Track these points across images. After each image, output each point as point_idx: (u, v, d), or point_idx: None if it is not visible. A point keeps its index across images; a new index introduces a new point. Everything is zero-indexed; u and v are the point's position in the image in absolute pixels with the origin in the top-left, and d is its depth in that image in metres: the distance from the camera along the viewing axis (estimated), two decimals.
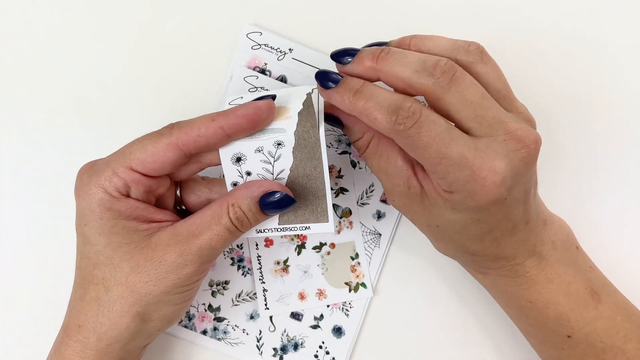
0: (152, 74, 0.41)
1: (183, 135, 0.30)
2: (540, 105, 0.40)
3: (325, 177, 0.31)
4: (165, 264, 0.30)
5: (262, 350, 0.40)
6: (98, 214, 0.30)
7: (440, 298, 0.40)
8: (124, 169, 0.30)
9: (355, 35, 0.41)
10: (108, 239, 0.30)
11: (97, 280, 0.31)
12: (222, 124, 0.29)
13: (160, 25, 0.41)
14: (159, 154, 0.30)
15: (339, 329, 0.40)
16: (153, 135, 0.30)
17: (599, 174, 0.41)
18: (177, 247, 0.30)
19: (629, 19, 0.41)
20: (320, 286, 0.40)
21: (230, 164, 0.31)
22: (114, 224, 0.30)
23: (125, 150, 0.30)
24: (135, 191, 0.31)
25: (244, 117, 0.29)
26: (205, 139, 0.30)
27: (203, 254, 0.31)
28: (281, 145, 0.31)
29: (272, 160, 0.31)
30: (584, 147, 0.41)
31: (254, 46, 0.40)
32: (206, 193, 0.34)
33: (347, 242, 0.40)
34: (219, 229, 0.30)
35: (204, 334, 0.40)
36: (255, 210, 0.31)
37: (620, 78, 0.41)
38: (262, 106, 0.30)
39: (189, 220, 0.31)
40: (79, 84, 0.41)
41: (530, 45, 0.41)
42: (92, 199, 0.30)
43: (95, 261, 0.31)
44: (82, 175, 0.31)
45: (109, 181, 0.30)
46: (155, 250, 0.30)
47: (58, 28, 0.41)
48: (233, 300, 0.40)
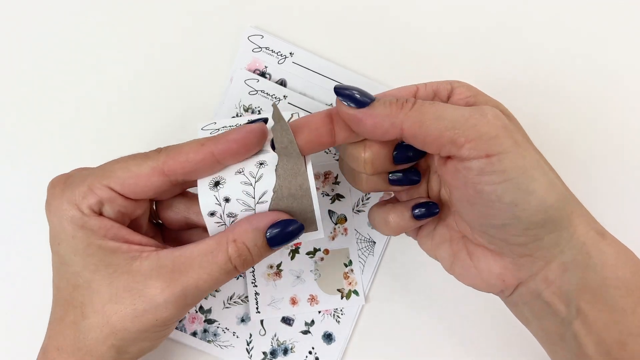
0: (151, 74, 0.41)
1: (170, 160, 0.28)
2: (540, 105, 0.40)
3: (312, 195, 0.29)
4: (144, 301, 0.27)
5: (252, 353, 0.40)
6: (70, 232, 0.28)
7: (432, 308, 0.41)
8: (102, 187, 0.28)
9: (356, 41, 0.41)
10: (84, 260, 0.28)
11: (76, 303, 0.29)
12: (213, 149, 0.28)
13: (161, 25, 0.41)
14: (141, 177, 0.28)
15: (329, 335, 0.40)
16: (138, 157, 0.29)
17: (599, 175, 0.41)
18: (159, 282, 0.27)
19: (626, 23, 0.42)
20: (313, 292, 0.40)
21: (207, 190, 0.29)
22: (88, 244, 0.28)
23: (106, 167, 0.28)
24: (108, 210, 0.28)
25: (236, 141, 0.28)
26: (194, 164, 0.28)
27: (187, 295, 0.28)
28: (263, 165, 0.29)
29: (252, 182, 0.28)
30: (585, 147, 0.41)
31: (254, 49, 0.40)
32: (184, 211, 0.31)
33: (341, 248, 0.40)
34: (211, 268, 0.28)
35: (193, 335, 0.40)
36: (261, 245, 0.28)
37: (621, 79, 0.41)
38: (255, 129, 0.28)
39: (176, 252, 0.28)
40: (77, 86, 0.40)
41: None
42: (63, 216, 0.28)
43: (75, 283, 0.28)
44: (53, 189, 0.29)
45: (83, 197, 0.28)
46: (135, 280, 0.28)
47: (58, 28, 0.41)
48: (224, 303, 0.40)
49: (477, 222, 0.29)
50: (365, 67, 0.41)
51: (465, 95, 0.31)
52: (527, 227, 0.27)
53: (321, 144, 0.29)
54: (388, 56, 0.41)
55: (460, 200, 0.29)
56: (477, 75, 0.41)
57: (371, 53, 0.41)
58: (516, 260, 0.29)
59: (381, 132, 0.28)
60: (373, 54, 0.41)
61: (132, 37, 0.41)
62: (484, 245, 0.30)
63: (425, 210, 0.32)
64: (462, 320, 0.40)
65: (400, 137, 0.28)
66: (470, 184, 0.27)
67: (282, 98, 0.40)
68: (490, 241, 0.30)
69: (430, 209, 0.32)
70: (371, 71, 0.41)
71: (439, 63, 0.41)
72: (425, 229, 0.34)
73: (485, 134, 0.26)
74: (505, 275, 0.30)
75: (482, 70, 0.41)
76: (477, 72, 0.41)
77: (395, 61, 0.41)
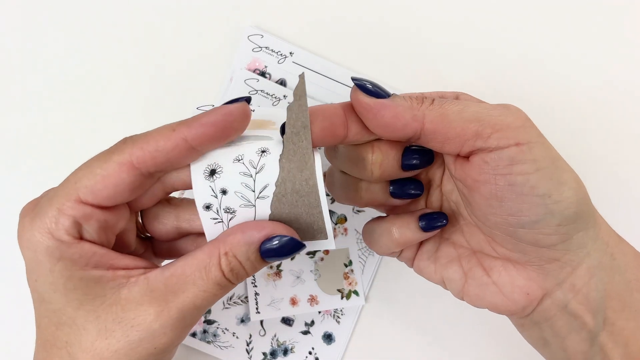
0: (151, 74, 0.41)
1: (138, 151, 0.24)
2: (540, 105, 0.40)
3: (320, 191, 0.26)
4: (139, 330, 0.25)
5: (252, 354, 0.40)
6: (47, 266, 0.24)
7: (432, 308, 0.40)
8: (71, 203, 0.24)
9: (357, 41, 0.41)
10: (66, 297, 0.25)
11: (60, 344, 0.25)
12: (186, 135, 0.24)
13: (161, 25, 0.41)
14: (110, 177, 0.24)
15: (329, 336, 0.40)
16: (102, 155, 0.25)
17: (598, 175, 0.41)
18: (153, 307, 0.25)
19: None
20: (313, 292, 0.40)
21: (202, 180, 0.25)
22: (68, 277, 0.24)
23: (70, 179, 0.25)
24: (88, 229, 0.25)
25: (212, 125, 0.24)
26: (165, 154, 0.24)
27: (185, 316, 0.25)
28: (265, 153, 0.26)
29: (253, 173, 0.25)
30: (584, 147, 0.41)
31: (254, 48, 0.40)
32: (173, 220, 0.28)
33: (341, 249, 0.40)
34: (206, 285, 0.25)
35: (193, 336, 0.39)
36: (254, 259, 0.26)
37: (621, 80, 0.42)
38: (233, 111, 0.24)
39: (167, 271, 0.25)
40: (76, 86, 0.40)
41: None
42: (37, 248, 0.24)
43: (57, 321, 0.25)
44: (23, 220, 0.25)
45: (56, 223, 0.24)
46: (125, 310, 0.25)
47: (57, 29, 0.41)
48: (224, 303, 0.40)
49: (504, 223, 0.27)
50: (365, 67, 0.41)
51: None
52: (559, 223, 0.26)
53: (335, 135, 0.26)
54: (388, 56, 0.41)
55: (489, 199, 0.27)
56: (478, 75, 0.41)
57: (371, 53, 0.41)
58: (542, 267, 0.28)
59: (401, 125, 0.26)
60: (373, 54, 0.41)
61: (132, 37, 0.41)
62: (506, 255, 0.29)
63: (433, 220, 0.30)
64: (462, 321, 0.40)
65: (418, 134, 0.26)
66: (501, 176, 0.26)
67: (282, 98, 0.40)
68: (515, 247, 0.28)
69: (438, 219, 0.30)
70: (372, 71, 0.41)
71: (439, 63, 0.41)
72: (426, 252, 0.31)
73: (512, 123, 0.25)
74: (530, 287, 0.28)
75: (483, 70, 0.41)
76: (477, 72, 0.41)
77: (395, 61, 0.41)
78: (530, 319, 0.29)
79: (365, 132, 0.27)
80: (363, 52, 0.41)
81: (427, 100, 0.26)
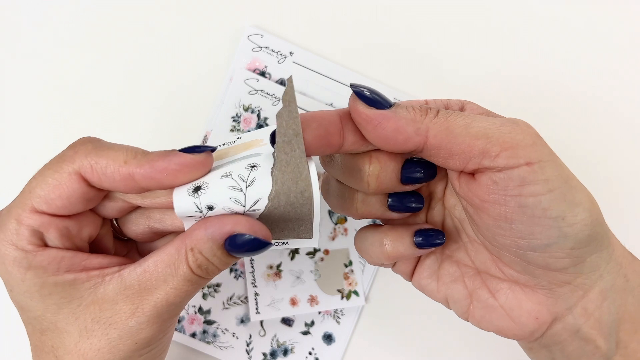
0: (151, 74, 0.40)
1: (87, 166, 0.24)
2: (540, 106, 0.40)
3: (314, 204, 0.24)
4: (116, 328, 0.25)
5: (252, 354, 0.39)
6: (18, 276, 0.24)
7: (432, 308, 0.40)
8: (28, 213, 0.24)
9: (357, 41, 0.41)
10: (43, 303, 0.25)
11: (47, 348, 0.26)
12: (134, 172, 0.24)
13: (161, 24, 0.41)
14: (62, 187, 0.24)
15: (329, 336, 0.40)
16: (54, 163, 0.24)
17: (598, 175, 0.41)
18: (127, 305, 0.25)
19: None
20: (313, 292, 0.40)
21: (185, 195, 0.24)
22: (41, 285, 0.24)
23: (25, 190, 0.25)
24: (51, 237, 0.25)
25: (163, 170, 0.24)
26: (111, 183, 0.24)
27: (161, 312, 0.25)
28: (255, 168, 0.24)
29: (243, 187, 0.23)
30: (584, 147, 0.41)
31: (254, 48, 0.40)
32: (145, 221, 0.28)
33: (341, 249, 0.40)
34: (176, 282, 0.25)
35: (192, 336, 0.39)
36: (221, 255, 0.25)
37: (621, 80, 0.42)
38: (190, 163, 0.24)
39: (139, 268, 0.25)
40: (76, 86, 0.40)
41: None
42: (4, 261, 0.24)
43: (40, 327, 0.26)
44: None
45: (17, 234, 0.24)
46: (102, 309, 0.25)
47: (57, 29, 0.40)
48: (224, 304, 0.40)
49: (514, 245, 0.25)
50: (365, 67, 0.41)
51: (477, 112, 0.27)
52: (573, 247, 0.24)
53: (330, 144, 0.25)
54: (389, 56, 0.41)
55: (497, 220, 0.25)
56: (477, 75, 0.41)
57: (372, 53, 0.41)
58: (552, 291, 0.26)
59: (402, 139, 0.24)
60: (373, 54, 0.41)
61: (132, 37, 0.40)
62: (513, 277, 0.27)
63: (430, 238, 0.28)
64: (463, 321, 0.40)
65: (421, 148, 0.25)
66: (511, 197, 0.24)
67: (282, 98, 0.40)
68: (525, 269, 0.26)
69: (435, 238, 0.28)
70: (372, 71, 0.41)
71: (439, 63, 0.41)
72: (427, 268, 0.30)
73: (522, 140, 0.24)
74: (540, 312, 0.27)
75: (482, 70, 0.41)
76: (476, 72, 0.41)
77: (395, 61, 0.41)
78: (539, 343, 0.28)
79: (363, 142, 0.26)
80: (363, 52, 0.41)
81: (431, 111, 0.25)
